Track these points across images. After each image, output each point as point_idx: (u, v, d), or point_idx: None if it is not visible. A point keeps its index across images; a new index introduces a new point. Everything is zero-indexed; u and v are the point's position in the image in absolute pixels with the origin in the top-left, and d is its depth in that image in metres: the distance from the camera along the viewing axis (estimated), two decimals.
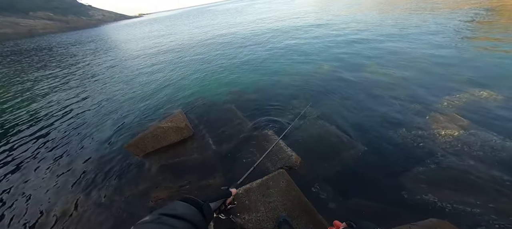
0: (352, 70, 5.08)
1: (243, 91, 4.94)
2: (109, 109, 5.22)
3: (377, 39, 7.26)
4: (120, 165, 3.22)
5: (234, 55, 8.11)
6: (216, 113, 4.10)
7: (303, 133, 3.14)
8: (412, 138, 2.73)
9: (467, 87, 3.64)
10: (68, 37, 32.91)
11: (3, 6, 65.41)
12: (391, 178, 2.25)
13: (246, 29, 13.94)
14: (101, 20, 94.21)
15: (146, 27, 33.78)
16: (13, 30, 56.46)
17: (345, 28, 9.68)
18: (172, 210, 0.54)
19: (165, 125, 3.34)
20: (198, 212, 0.60)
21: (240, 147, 3.04)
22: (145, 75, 7.54)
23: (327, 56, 6.42)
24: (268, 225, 1.65)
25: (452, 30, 6.81)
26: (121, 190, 2.77)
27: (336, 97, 4.02)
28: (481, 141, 2.50)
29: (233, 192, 0.87)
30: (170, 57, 9.73)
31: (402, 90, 3.88)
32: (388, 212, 1.94)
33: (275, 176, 2.04)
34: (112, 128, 4.31)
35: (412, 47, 5.96)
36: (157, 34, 20.88)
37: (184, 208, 0.58)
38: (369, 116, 3.30)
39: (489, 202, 1.87)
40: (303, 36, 9.38)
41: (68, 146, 3.97)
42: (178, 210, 0.56)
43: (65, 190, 2.96)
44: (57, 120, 5.10)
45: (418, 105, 3.36)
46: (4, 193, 3.05)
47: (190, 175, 2.74)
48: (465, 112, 3.03)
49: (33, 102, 6.43)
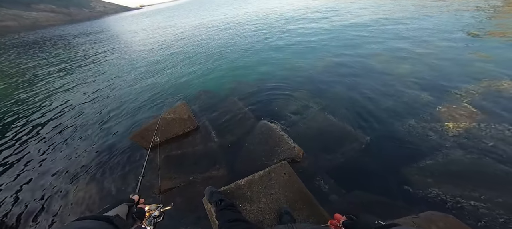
0: (358, 61, 4.96)
1: (246, 83, 4.90)
2: (113, 100, 5.27)
3: (387, 27, 7.04)
4: (124, 155, 3.27)
5: (237, 47, 8.00)
6: (219, 105, 4.09)
7: (306, 125, 3.12)
8: (419, 131, 2.67)
9: (485, 77, 3.47)
10: (70, 29, 32.91)
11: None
12: (395, 171, 2.23)
13: (249, 21, 13.68)
14: (103, 12, 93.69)
15: (147, 19, 33.48)
16: (17, 23, 56.68)
17: (353, 17, 9.40)
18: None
19: (169, 116, 3.36)
20: (106, 224, 0.56)
21: (242, 139, 3.05)
22: (149, 67, 7.54)
23: (332, 46, 6.27)
24: (269, 216, 1.67)
25: (468, 17, 6.53)
26: (126, 180, 2.83)
27: (340, 88, 3.95)
28: (494, 134, 2.43)
29: (136, 199, 0.82)
30: (173, 49, 9.66)
31: (412, 80, 3.76)
32: (391, 205, 1.93)
33: (277, 167, 2.04)
34: (117, 119, 4.36)
35: (424, 35, 5.76)
36: (159, 25, 20.70)
37: (96, 225, 0.54)
38: (375, 108, 3.24)
39: (496, 197, 1.83)
40: (308, 26, 9.17)
41: (73, 136, 4.04)
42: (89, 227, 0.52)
43: (68, 179, 3.04)
44: (62, 110, 5.17)
45: (429, 97, 3.25)
46: (9, 181, 3.15)
47: (193, 166, 2.77)
48: (480, 103, 2.91)
49: (38, 93, 6.51)
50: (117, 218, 0.62)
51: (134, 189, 0.98)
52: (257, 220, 1.66)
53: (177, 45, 10.16)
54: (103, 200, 2.62)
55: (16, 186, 3.06)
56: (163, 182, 2.62)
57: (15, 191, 2.97)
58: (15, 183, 3.11)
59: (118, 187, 2.74)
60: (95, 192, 2.74)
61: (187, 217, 2.17)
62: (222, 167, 2.67)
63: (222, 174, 2.59)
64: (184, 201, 2.35)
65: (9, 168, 3.43)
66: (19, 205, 2.75)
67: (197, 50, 8.60)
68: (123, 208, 0.72)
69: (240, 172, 2.46)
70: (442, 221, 1.34)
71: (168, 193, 2.49)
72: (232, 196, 1.82)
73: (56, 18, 66.87)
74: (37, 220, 2.51)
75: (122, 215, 0.68)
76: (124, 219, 0.67)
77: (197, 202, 2.20)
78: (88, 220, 0.55)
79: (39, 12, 67.20)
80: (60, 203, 2.67)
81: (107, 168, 3.08)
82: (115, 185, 2.79)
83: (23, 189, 3.00)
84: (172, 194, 2.47)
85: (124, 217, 0.68)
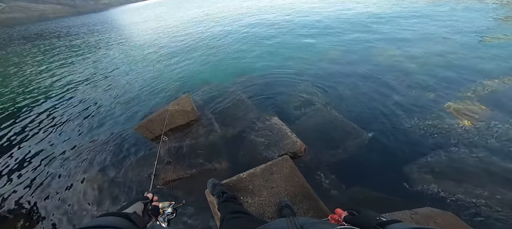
0: (364, 56, 4.87)
1: (250, 76, 4.89)
2: (119, 91, 5.35)
3: (394, 21, 6.86)
4: (129, 146, 3.36)
5: (241, 41, 7.94)
6: (222, 97, 4.11)
7: (309, 120, 3.12)
8: (424, 128, 2.64)
9: (496, 74, 3.37)
10: (77, 21, 33.11)
11: None
12: (397, 168, 2.23)
13: (254, 13, 13.48)
14: (108, 4, 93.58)
15: (151, 11, 33.33)
16: (25, 14, 57.21)
17: (359, 10, 9.16)
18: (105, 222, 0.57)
19: (173, 108, 3.40)
20: (126, 221, 0.62)
21: (245, 132, 3.08)
22: (153, 59, 7.57)
23: (338, 41, 6.15)
24: (270, 209, 1.70)
25: (480, 10, 6.28)
26: (130, 170, 2.91)
27: (345, 84, 3.91)
28: (500, 132, 2.39)
29: (150, 197, 0.86)
30: (177, 41, 9.65)
31: (419, 77, 3.69)
32: (391, 201, 1.95)
33: (279, 162, 2.06)
34: (122, 110, 4.44)
35: (434, 30, 5.60)
36: (163, 17, 20.61)
37: (117, 221, 0.60)
38: (380, 105, 3.21)
39: (496, 194, 1.83)
40: (314, 19, 8.99)
41: (79, 126, 4.15)
42: (111, 222, 0.58)
43: (74, 168, 3.14)
44: (68, 100, 5.29)
45: (435, 94, 3.20)
46: (14, 171, 3.25)
47: (196, 159, 2.83)
48: (489, 101, 2.85)
49: (45, 83, 6.65)
50: (134, 215, 0.67)
51: (146, 187, 1.04)
52: (258, 212, 1.70)
53: (181, 38, 10.13)
54: (109, 191, 2.70)
55: (26, 180, 3.14)
56: (167, 173, 2.68)
57: (26, 187, 3.01)
58: (25, 176, 3.22)
59: (125, 179, 2.81)
60: (102, 183, 2.82)
61: (190, 208, 2.23)
62: (224, 160, 2.71)
63: (224, 166, 2.63)
64: (187, 192, 2.42)
65: (16, 163, 3.52)
66: (31, 201, 2.80)
67: (200, 43, 8.57)
68: (139, 206, 0.77)
69: (242, 165, 2.50)
70: (440, 218, 1.35)
71: (172, 184, 2.55)
72: (234, 189, 1.86)
73: (63, 10, 67.21)
74: (51, 215, 2.56)
75: (139, 212, 0.73)
76: (140, 216, 0.72)
77: (200, 194, 2.26)
78: (111, 216, 0.61)
79: (46, 4, 67.62)
80: (72, 197, 2.73)
81: (115, 160, 3.15)
82: (122, 177, 2.86)
83: (25, 178, 3.09)
84: (176, 186, 2.54)
85: (140, 214, 0.73)
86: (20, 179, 3.11)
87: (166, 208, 0.88)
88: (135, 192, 2.59)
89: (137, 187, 2.66)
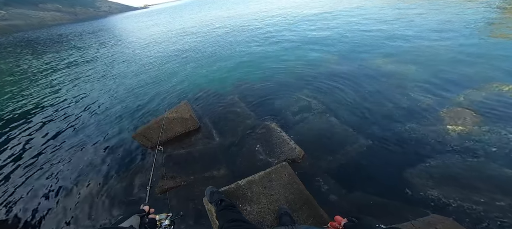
0: (361, 63, 4.93)
1: (248, 83, 4.91)
2: (117, 99, 5.33)
3: (390, 29, 6.98)
4: (127, 154, 3.32)
5: (240, 48, 8.02)
6: (220, 105, 4.11)
7: (308, 126, 3.12)
8: (420, 133, 2.66)
9: (487, 80, 3.44)
10: (76, 27, 33.33)
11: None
12: (396, 174, 2.22)
13: (253, 20, 13.69)
14: (108, 11, 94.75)
15: (150, 18, 33.71)
16: (24, 21, 57.59)
17: (356, 18, 9.35)
18: None
19: (171, 116, 3.39)
20: None
21: (244, 139, 3.06)
22: (152, 66, 7.60)
23: (335, 48, 6.24)
24: (269, 217, 1.68)
25: (471, 20, 6.44)
26: (127, 178, 2.87)
27: (342, 90, 3.94)
28: (496, 138, 2.41)
29: (146, 209, 0.85)
30: (175, 49, 9.73)
31: (414, 84, 3.73)
32: (391, 207, 1.93)
33: (277, 168, 2.05)
34: (120, 117, 4.42)
35: (428, 38, 5.69)
36: (162, 24, 20.83)
37: None
38: (377, 110, 3.23)
39: (497, 200, 1.82)
40: (311, 28, 9.14)
41: (76, 134, 4.10)
42: None
43: (71, 176, 3.09)
44: (66, 108, 5.25)
45: (430, 100, 3.23)
46: (12, 178, 3.21)
47: (194, 166, 2.80)
48: (481, 107, 2.89)
49: (43, 90, 6.62)
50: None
51: (143, 199, 1.02)
52: (257, 220, 1.67)
53: (180, 46, 10.22)
54: (104, 203, 2.63)
55: (21, 188, 3.09)
56: (164, 181, 2.64)
57: (20, 194, 2.97)
58: (20, 184, 3.16)
59: (122, 188, 2.76)
60: (96, 195, 2.76)
61: (188, 216, 2.19)
62: (222, 167, 2.69)
63: (222, 174, 2.61)
64: (185, 200, 2.38)
65: (13, 169, 3.48)
66: (25, 208, 2.75)
67: (199, 51, 8.64)
68: (135, 219, 0.75)
69: (240, 173, 2.47)
70: (441, 224, 1.33)
71: (169, 192, 2.51)
72: (232, 196, 1.83)
73: (62, 17, 67.84)
74: (46, 223, 2.53)
75: (135, 226, 0.71)
76: None
77: (198, 202, 2.22)
78: None
79: (45, 11, 68.23)
80: (66, 206, 2.69)
81: (111, 170, 3.11)
82: (119, 185, 2.82)
83: (29, 190, 3.03)
84: (173, 194, 2.50)
85: (136, 228, 0.72)
86: (10, 190, 3.04)
87: (163, 220, 0.86)
88: (131, 201, 2.54)
89: (133, 198, 2.60)
